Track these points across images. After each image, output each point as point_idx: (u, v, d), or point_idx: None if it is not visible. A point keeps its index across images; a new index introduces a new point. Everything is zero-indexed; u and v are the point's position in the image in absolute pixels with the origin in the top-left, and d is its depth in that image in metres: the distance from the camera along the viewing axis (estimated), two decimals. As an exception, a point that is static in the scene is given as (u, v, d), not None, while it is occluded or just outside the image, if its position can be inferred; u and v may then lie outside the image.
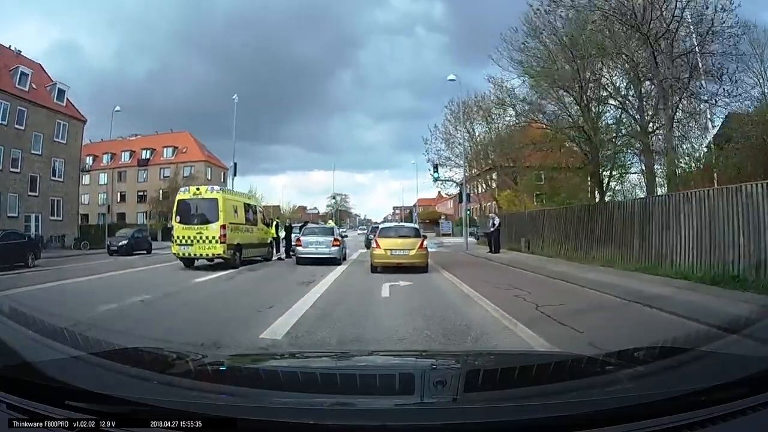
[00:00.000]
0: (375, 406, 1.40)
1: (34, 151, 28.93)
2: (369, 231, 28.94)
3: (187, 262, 13.99)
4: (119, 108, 36.34)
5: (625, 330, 5.52)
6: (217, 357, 2.28)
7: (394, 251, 12.37)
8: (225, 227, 13.55)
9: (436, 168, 28.31)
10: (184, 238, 13.63)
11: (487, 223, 21.34)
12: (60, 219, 31.02)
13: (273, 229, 18.35)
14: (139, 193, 52.09)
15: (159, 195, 45.57)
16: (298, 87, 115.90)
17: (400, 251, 12.38)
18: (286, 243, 18.46)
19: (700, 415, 1.18)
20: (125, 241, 23.54)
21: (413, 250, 12.40)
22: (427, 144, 30.78)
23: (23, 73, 28.83)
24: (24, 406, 1.24)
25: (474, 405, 1.41)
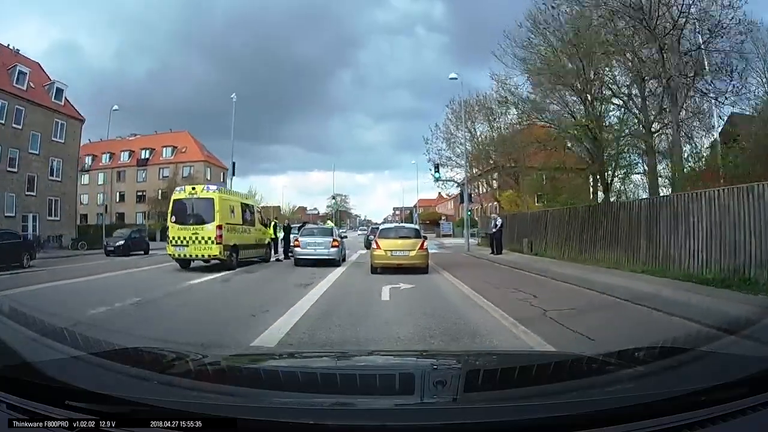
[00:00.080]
0: (375, 406, 1.39)
1: (31, 151, 28.75)
2: (369, 232, 28.83)
3: (183, 263, 13.72)
4: (117, 107, 36.29)
5: (642, 338, 4.93)
6: (217, 357, 2.28)
7: (394, 252, 12.28)
8: (221, 228, 13.28)
9: (437, 168, 28.03)
10: (179, 238, 13.38)
11: (489, 224, 21.18)
12: (58, 219, 30.82)
13: (271, 230, 18.09)
14: (138, 193, 52.01)
15: (158, 195, 45.33)
16: (298, 87, 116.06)
17: (400, 252, 12.29)
18: (284, 244, 18.21)
19: (700, 415, 1.18)
20: (122, 242, 23.26)
21: (413, 251, 12.31)
22: (428, 144, 30.53)
23: (21, 72, 28.57)
24: (24, 406, 1.24)
25: (474, 405, 1.41)
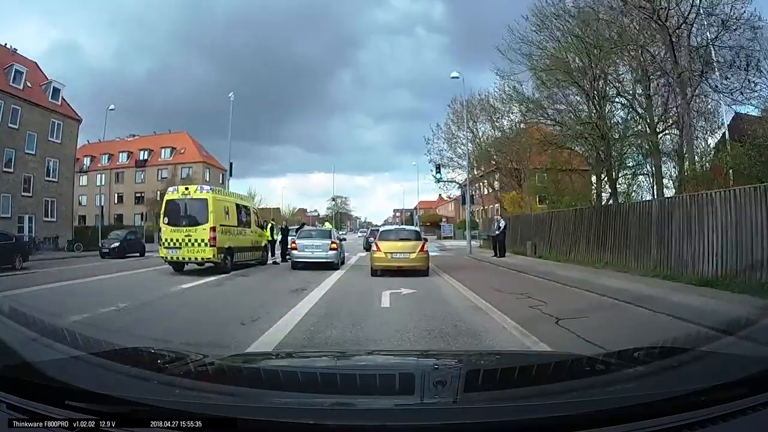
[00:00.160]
0: (375, 406, 1.39)
1: (28, 151, 28.51)
2: (368, 234, 28.77)
3: (177, 266, 13.34)
4: (113, 107, 35.96)
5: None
6: (217, 357, 2.28)
7: (394, 254, 12.16)
8: (215, 229, 12.90)
9: (438, 169, 27.75)
10: (172, 240, 12.99)
11: (492, 226, 20.83)
12: (54, 220, 30.56)
13: (268, 232, 17.63)
14: (137, 195, 51.89)
15: (156, 196, 45.23)
16: (298, 87, 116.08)
17: (400, 254, 12.17)
18: (282, 246, 17.78)
19: (700, 415, 1.18)
20: (117, 244, 22.95)
21: (414, 253, 12.19)
22: (429, 144, 30.59)
23: (18, 71, 28.33)
24: (24, 406, 1.24)
25: (474, 405, 1.41)
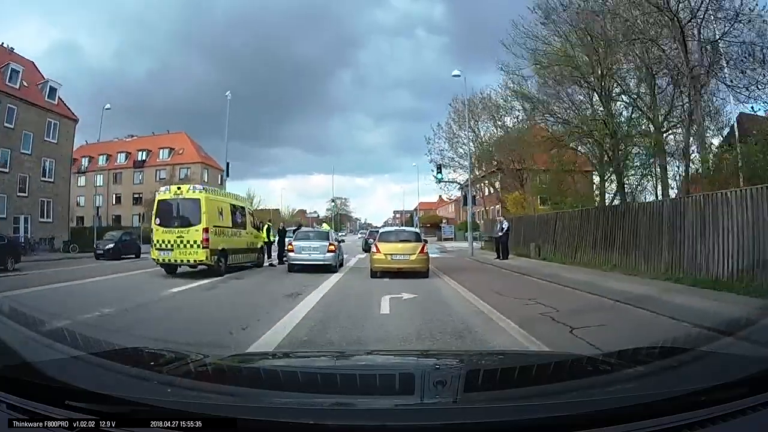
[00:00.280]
0: (375, 406, 1.40)
1: (23, 151, 28.17)
2: (367, 235, 28.69)
3: (169, 268, 12.91)
4: (109, 106, 35.75)
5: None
6: (217, 357, 2.28)
7: (394, 256, 12.09)
8: (208, 230, 12.46)
9: (439, 169, 27.41)
10: (163, 242, 12.55)
11: (495, 227, 20.32)
12: (50, 221, 30.19)
13: (264, 233, 17.09)
14: (135, 195, 51.36)
15: (154, 197, 44.91)
16: (298, 87, 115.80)
17: (400, 256, 12.11)
18: (279, 248, 17.38)
19: (700, 415, 1.18)
20: (112, 245, 22.54)
21: (414, 254, 12.14)
22: (430, 143, 30.37)
23: (14, 70, 28.03)
24: (24, 406, 1.24)
25: (474, 405, 1.41)
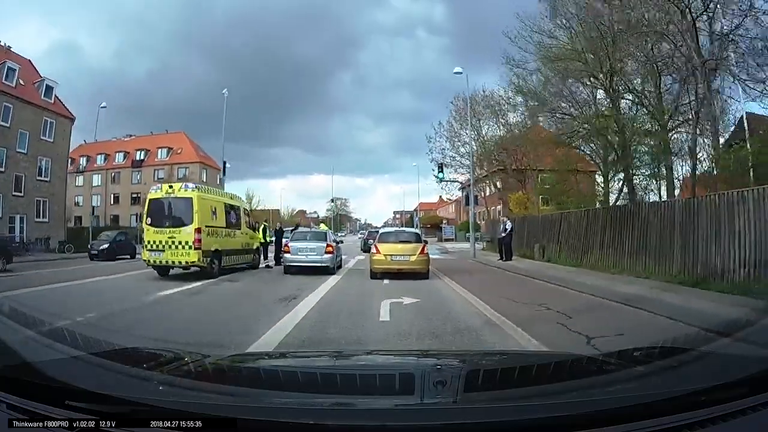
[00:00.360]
0: (375, 406, 1.40)
1: (19, 150, 27.86)
2: (366, 235, 28.50)
3: (161, 270, 12.45)
4: (105, 104, 35.88)
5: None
6: (217, 357, 2.28)
7: (394, 257, 12.00)
8: (200, 231, 11.99)
9: (440, 168, 26.69)
10: (155, 243, 12.07)
11: (498, 228, 19.76)
12: (46, 221, 29.87)
13: (260, 234, 16.65)
14: (133, 195, 50.83)
15: (151, 197, 44.74)
16: (298, 87, 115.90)
17: (400, 257, 12.02)
18: (276, 249, 16.84)
19: (700, 415, 1.19)
20: (106, 245, 22.17)
21: (414, 255, 12.05)
22: (431, 142, 29.90)
23: (10, 69, 27.77)
24: (24, 406, 1.24)
25: (474, 405, 1.41)
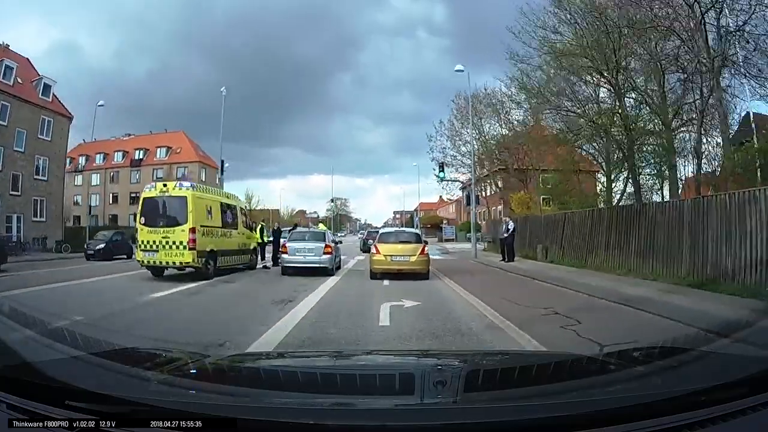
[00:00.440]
0: (375, 406, 1.40)
1: (17, 148, 27.63)
2: (366, 235, 28.38)
3: (156, 271, 12.15)
4: (102, 102, 35.62)
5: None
6: (217, 357, 2.28)
7: (394, 257, 11.96)
8: (195, 230, 11.66)
9: (442, 167, 26.48)
10: (148, 243, 11.75)
11: (501, 228, 19.49)
12: (43, 220, 29.68)
13: (257, 234, 16.25)
14: (132, 195, 49.81)
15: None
16: (298, 87, 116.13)
17: (400, 257, 11.98)
18: (273, 249, 16.59)
19: (700, 415, 1.19)
20: (102, 245, 21.91)
21: (414, 256, 12.00)
22: (432, 141, 29.86)
23: (8, 67, 27.61)
24: (24, 406, 1.24)
25: (474, 405, 1.41)
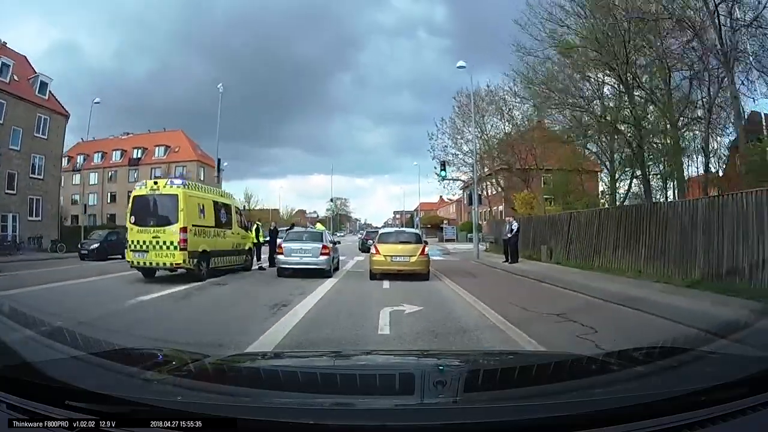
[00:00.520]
0: (375, 406, 1.39)
1: (12, 147, 27.47)
2: (365, 235, 28.08)
3: (146, 272, 11.70)
4: (99, 99, 34.72)
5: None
6: (217, 357, 2.28)
7: (394, 257, 11.86)
8: (186, 230, 11.18)
9: (443, 166, 26.08)
10: (138, 243, 11.30)
11: (504, 228, 19.12)
12: (39, 219, 29.55)
13: (253, 234, 15.81)
14: (130, 194, 50.65)
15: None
16: (298, 87, 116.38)
17: (400, 258, 11.88)
18: (270, 250, 16.14)
19: (700, 415, 1.18)
20: (96, 245, 21.67)
21: (414, 256, 11.91)
22: (433, 140, 29.25)
23: (4, 64, 27.48)
24: (24, 406, 1.24)
25: (474, 405, 1.40)
